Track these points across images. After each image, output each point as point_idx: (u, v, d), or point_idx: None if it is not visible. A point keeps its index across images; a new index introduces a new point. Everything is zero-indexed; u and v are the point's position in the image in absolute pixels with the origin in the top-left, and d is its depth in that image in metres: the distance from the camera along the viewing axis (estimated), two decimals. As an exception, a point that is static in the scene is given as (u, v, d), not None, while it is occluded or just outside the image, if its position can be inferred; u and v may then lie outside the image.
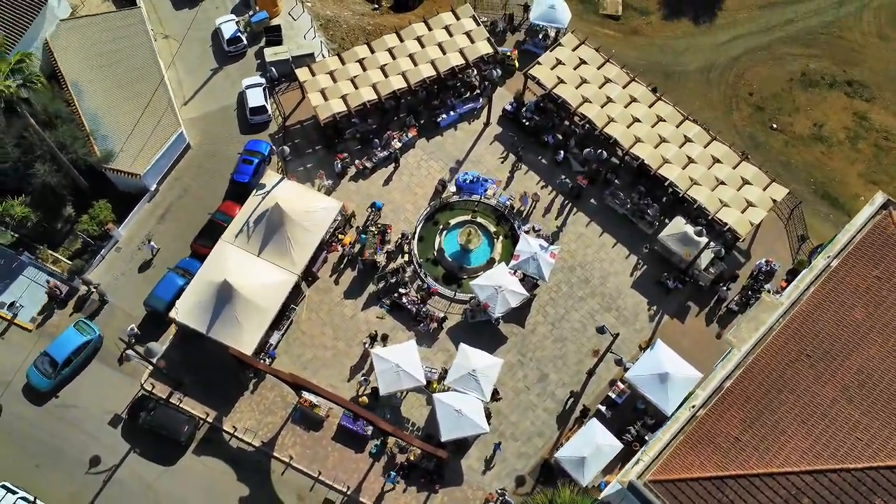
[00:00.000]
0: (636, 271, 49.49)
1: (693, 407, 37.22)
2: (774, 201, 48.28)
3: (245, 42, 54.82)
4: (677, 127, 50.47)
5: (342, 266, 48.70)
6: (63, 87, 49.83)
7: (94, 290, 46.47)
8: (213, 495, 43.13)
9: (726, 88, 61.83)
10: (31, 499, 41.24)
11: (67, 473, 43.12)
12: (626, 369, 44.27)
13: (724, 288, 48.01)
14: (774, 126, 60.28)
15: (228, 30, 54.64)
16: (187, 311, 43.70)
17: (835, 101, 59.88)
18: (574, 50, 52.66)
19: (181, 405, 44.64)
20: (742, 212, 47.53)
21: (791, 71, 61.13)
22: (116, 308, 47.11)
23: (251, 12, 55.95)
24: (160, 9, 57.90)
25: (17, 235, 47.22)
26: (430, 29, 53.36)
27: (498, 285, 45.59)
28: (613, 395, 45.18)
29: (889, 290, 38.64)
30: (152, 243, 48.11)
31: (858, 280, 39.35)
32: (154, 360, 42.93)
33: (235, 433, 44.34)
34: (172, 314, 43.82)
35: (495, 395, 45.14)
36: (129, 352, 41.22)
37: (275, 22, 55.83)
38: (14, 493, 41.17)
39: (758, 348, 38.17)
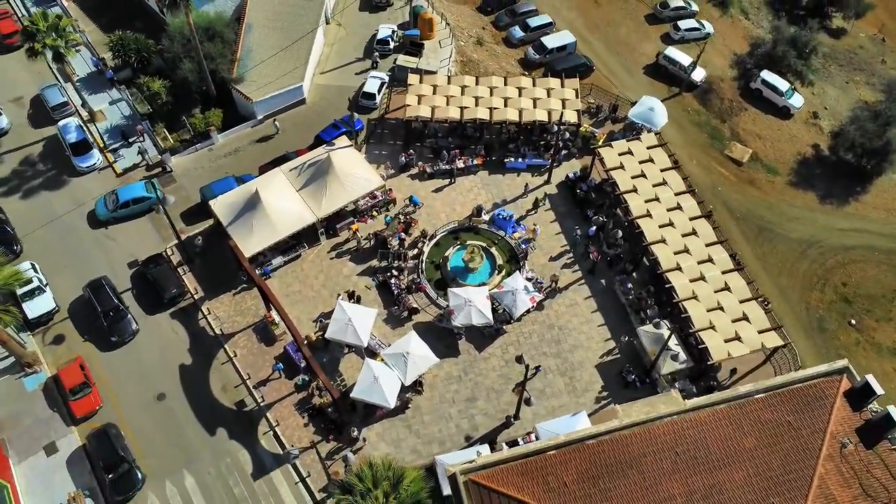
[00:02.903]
0: (606, 356, 52.55)
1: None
2: (763, 345, 49.63)
3: (391, 46, 67.26)
4: (706, 246, 53.78)
5: (363, 237, 57.30)
6: (240, 24, 64.83)
7: (168, 168, 59.70)
8: (164, 352, 52.43)
9: (819, 268, 63.33)
10: (44, 283, 53.78)
11: (82, 278, 54.84)
12: (528, 403, 47.91)
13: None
14: (853, 322, 60.52)
15: (382, 33, 67.75)
16: (222, 204, 54.53)
17: (936, 332, 59.37)
18: (649, 148, 58.36)
19: (182, 275, 55.32)
20: (725, 341, 49.55)
21: (903, 285, 61.71)
22: (181, 188, 59.60)
23: (410, 28, 68.75)
24: (345, 5, 72.65)
25: (151, 109, 62.03)
26: (534, 85, 62.11)
27: (470, 300, 51.54)
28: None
29: (789, 437, 39.89)
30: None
31: (770, 416, 40.75)
32: (165, 205, 53.33)
33: (206, 315, 53.79)
34: (212, 202, 55.12)
35: (417, 387, 50.55)
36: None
37: (424, 42, 68.07)
38: (35, 271, 54.00)
39: (637, 427, 40.84)
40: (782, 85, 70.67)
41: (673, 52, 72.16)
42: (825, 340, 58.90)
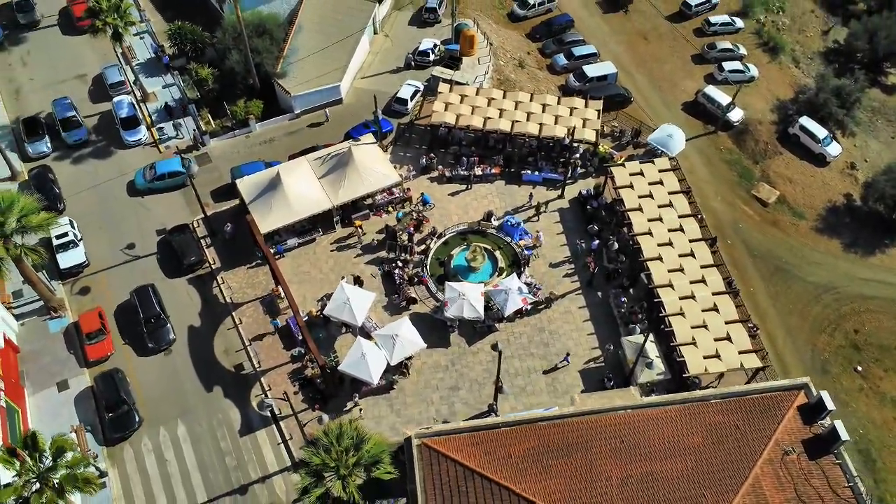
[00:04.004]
0: (591, 362, 56.78)
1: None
2: (742, 365, 52.90)
3: (431, 58, 74.36)
4: (702, 268, 57.63)
5: (377, 230, 63.26)
6: (291, 25, 72.78)
7: (201, 143, 68.07)
8: (176, 313, 59.17)
9: (832, 313, 65.95)
10: (79, 238, 61.53)
11: (114, 239, 62.97)
12: (500, 391, 52.47)
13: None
14: (859, 369, 62.89)
15: (424, 45, 75.11)
16: (247, 183, 61.61)
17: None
18: (660, 171, 62.87)
19: (203, 247, 62.37)
20: (705, 357, 53.10)
21: (919, 341, 63.99)
22: (214, 168, 67.27)
23: (452, 43, 75.60)
24: (395, 19, 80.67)
25: (199, 95, 70.24)
26: (558, 103, 67.72)
27: (463, 294, 56.76)
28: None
29: (734, 439, 43.47)
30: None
31: (720, 418, 44.35)
32: (190, 172, 60.97)
33: (220, 284, 60.62)
34: (238, 181, 62.21)
35: (403, 369, 55.70)
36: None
37: (463, 57, 74.83)
38: (72, 227, 61.87)
39: (590, 415, 44.95)
40: (820, 132, 74.13)
41: (712, 90, 76.60)
42: (826, 382, 61.22)
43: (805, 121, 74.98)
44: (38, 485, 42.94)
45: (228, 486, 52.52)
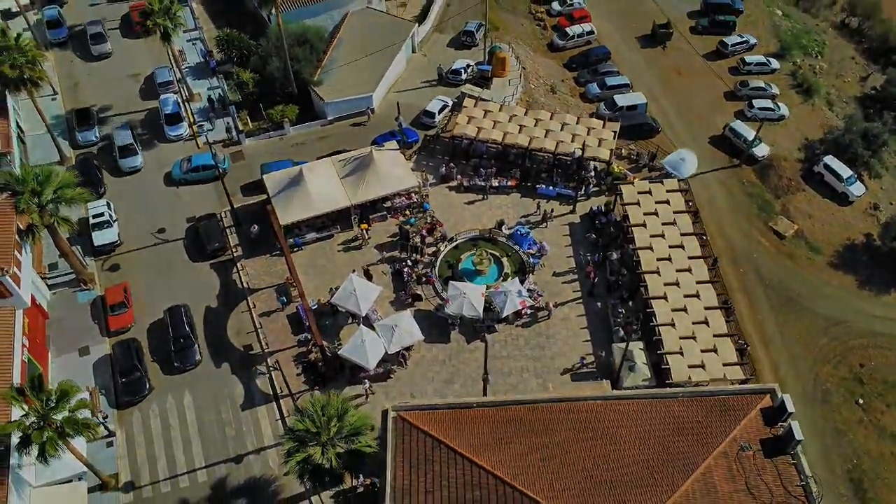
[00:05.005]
0: (583, 368, 60.79)
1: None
2: (725, 376, 56.38)
3: (462, 77, 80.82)
4: (697, 283, 61.63)
5: (391, 232, 69.12)
6: (332, 38, 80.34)
7: (233, 137, 75.46)
8: (196, 294, 65.83)
9: (839, 346, 68.70)
10: (113, 219, 68.85)
11: (146, 223, 70.14)
12: (486, 382, 56.76)
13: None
14: (860, 402, 65.44)
15: (457, 64, 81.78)
16: (273, 178, 68.31)
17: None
18: (668, 191, 67.26)
19: (227, 235, 68.96)
20: (689, 366, 56.84)
21: (926, 382, 66.40)
22: (247, 165, 74.26)
23: (485, 64, 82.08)
24: (434, 40, 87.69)
25: (241, 98, 77.76)
26: (577, 122, 72.93)
27: (465, 294, 61.80)
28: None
29: (693, 432, 47.53)
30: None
31: (683, 413, 48.32)
32: (216, 159, 67.41)
33: (240, 270, 66.99)
34: (265, 176, 68.90)
35: (401, 359, 60.72)
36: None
37: (494, 77, 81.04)
38: (109, 208, 69.33)
39: (560, 402, 49.34)
40: (844, 172, 77.52)
41: (739, 125, 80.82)
42: (824, 411, 64.21)
43: (830, 160, 78.55)
44: (40, 423, 48.57)
45: (225, 454, 58.11)
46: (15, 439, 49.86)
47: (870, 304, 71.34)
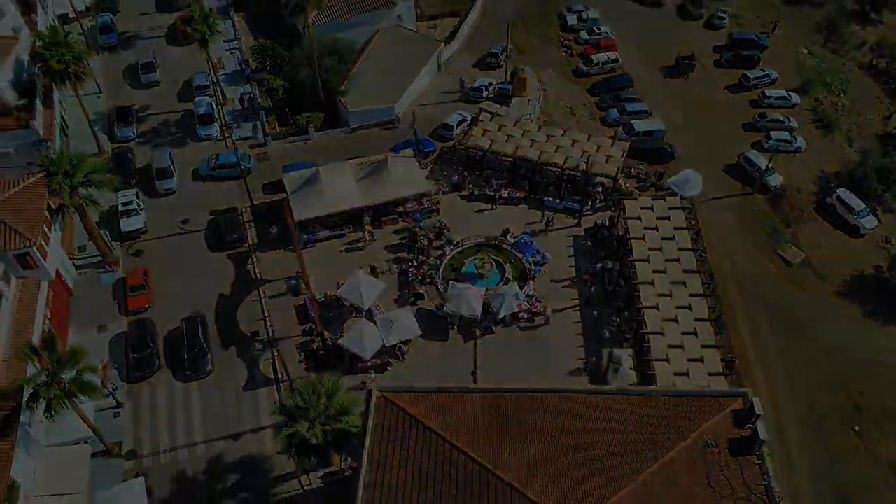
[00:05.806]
0: (575, 372, 62.75)
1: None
2: (709, 385, 57.46)
3: (483, 94, 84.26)
4: (690, 296, 63.22)
5: (402, 233, 72.41)
6: (363, 51, 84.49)
7: (259, 137, 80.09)
8: (213, 280, 69.50)
9: (839, 372, 69.38)
10: (141, 208, 72.99)
11: (171, 213, 74.43)
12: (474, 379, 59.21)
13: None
14: (857, 429, 65.88)
15: (478, 83, 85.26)
16: (292, 178, 72.19)
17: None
18: (670, 208, 69.12)
19: (245, 229, 72.79)
20: (675, 374, 58.27)
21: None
22: (271, 166, 78.29)
23: (506, 83, 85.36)
24: (460, 59, 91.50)
25: (271, 104, 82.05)
26: (588, 139, 75.37)
27: (464, 293, 64.32)
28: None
29: (662, 427, 48.17)
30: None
31: (653, 411, 49.56)
32: (238, 155, 72.36)
33: (255, 262, 70.55)
34: (284, 175, 72.66)
35: (398, 352, 63.37)
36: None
37: (514, 97, 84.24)
38: (137, 198, 73.65)
39: (538, 393, 51.21)
40: (857, 204, 78.67)
41: (754, 154, 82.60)
42: (818, 435, 64.82)
43: (843, 192, 79.85)
44: (49, 380, 52.19)
45: (224, 431, 61.00)
46: (26, 396, 53.61)
47: (875, 334, 71.98)
